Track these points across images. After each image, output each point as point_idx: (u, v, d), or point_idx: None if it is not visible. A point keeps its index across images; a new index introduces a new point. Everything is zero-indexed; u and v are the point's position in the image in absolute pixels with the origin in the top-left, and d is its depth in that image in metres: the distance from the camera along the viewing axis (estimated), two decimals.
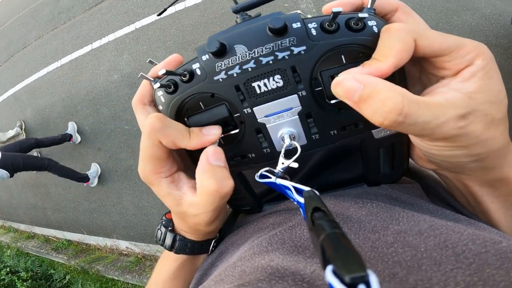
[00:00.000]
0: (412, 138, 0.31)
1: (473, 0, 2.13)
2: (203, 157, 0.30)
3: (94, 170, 3.50)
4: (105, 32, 3.80)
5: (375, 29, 0.27)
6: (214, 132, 0.31)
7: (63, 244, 4.19)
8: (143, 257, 3.41)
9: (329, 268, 0.15)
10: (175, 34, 3.25)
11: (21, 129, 4.21)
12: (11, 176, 2.68)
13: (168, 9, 0.53)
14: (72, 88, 3.91)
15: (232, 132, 0.33)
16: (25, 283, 3.52)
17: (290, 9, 2.74)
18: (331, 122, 0.32)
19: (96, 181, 3.53)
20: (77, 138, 3.60)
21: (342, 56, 0.28)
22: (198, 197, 0.31)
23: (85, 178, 3.38)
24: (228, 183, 0.30)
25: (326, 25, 0.27)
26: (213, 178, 0.29)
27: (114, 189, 3.57)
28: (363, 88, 0.22)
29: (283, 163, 0.31)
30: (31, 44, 4.65)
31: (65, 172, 3.20)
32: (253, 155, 0.35)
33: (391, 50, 0.24)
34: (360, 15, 0.27)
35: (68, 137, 3.50)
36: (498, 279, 0.21)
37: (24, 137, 4.04)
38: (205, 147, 0.31)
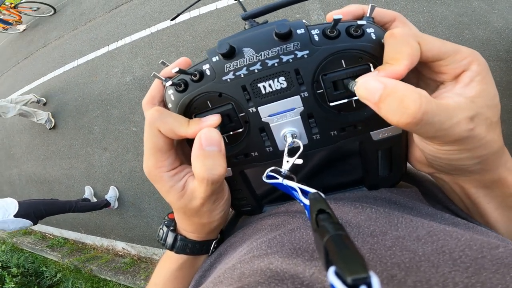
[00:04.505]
0: (419, 142, 0.31)
1: (485, 14, 2.13)
2: (196, 141, 0.30)
3: (112, 194, 3.46)
4: (122, 34, 3.94)
5: (373, 36, 0.29)
6: (212, 118, 0.31)
7: (59, 242, 4.16)
8: (139, 259, 3.35)
9: (332, 269, 0.15)
10: (188, 40, 3.34)
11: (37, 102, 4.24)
12: (35, 223, 2.74)
13: (182, 15, 0.57)
14: (86, 88, 4.02)
15: (237, 131, 0.35)
16: (14, 279, 3.48)
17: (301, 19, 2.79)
18: (332, 123, 0.33)
19: (116, 203, 3.48)
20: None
21: (343, 61, 0.30)
22: (196, 182, 0.32)
23: (107, 204, 3.38)
24: (217, 171, 0.30)
25: (328, 32, 0.29)
26: (203, 165, 0.29)
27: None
28: (383, 88, 0.23)
29: (287, 161, 0.32)
30: (51, 43, 4.85)
31: (88, 208, 3.26)
32: (256, 153, 0.36)
33: (401, 54, 0.25)
34: (359, 22, 0.29)
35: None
36: (495, 282, 0.22)
37: (35, 101, 4.14)
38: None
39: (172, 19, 0.57)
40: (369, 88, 0.24)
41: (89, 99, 3.93)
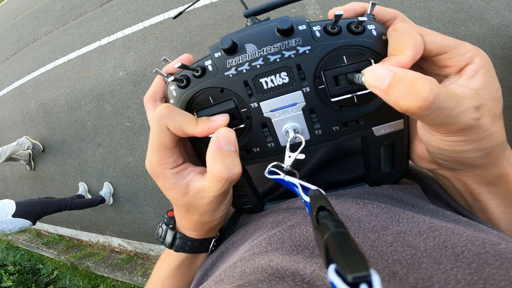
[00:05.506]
0: (424, 134, 0.31)
1: (481, 11, 2.15)
2: (213, 141, 0.30)
3: (107, 190, 3.42)
4: (114, 29, 3.87)
5: (374, 32, 0.29)
6: (221, 118, 0.32)
7: (54, 239, 4.13)
8: (135, 255, 3.35)
9: (332, 267, 0.15)
10: (182, 34, 3.30)
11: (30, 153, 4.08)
12: (34, 224, 2.69)
13: (175, 9, 0.57)
14: (77, 84, 3.95)
15: (239, 126, 0.34)
16: (11, 277, 3.47)
17: (297, 14, 2.78)
18: (333, 118, 0.33)
19: (111, 199, 3.44)
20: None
21: (344, 57, 0.30)
22: (207, 181, 0.31)
23: (102, 200, 3.34)
24: (236, 170, 0.30)
25: (329, 28, 0.29)
26: (222, 164, 0.29)
27: None
28: (393, 75, 0.23)
29: (289, 157, 0.32)
30: (40, 39, 4.74)
31: (83, 205, 3.23)
32: (258, 149, 0.36)
33: (405, 45, 0.26)
34: (360, 19, 0.29)
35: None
36: (498, 278, 0.22)
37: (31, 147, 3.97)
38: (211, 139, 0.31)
39: (175, 18, 0.57)
40: (378, 75, 0.24)
41: (81, 94, 3.86)
